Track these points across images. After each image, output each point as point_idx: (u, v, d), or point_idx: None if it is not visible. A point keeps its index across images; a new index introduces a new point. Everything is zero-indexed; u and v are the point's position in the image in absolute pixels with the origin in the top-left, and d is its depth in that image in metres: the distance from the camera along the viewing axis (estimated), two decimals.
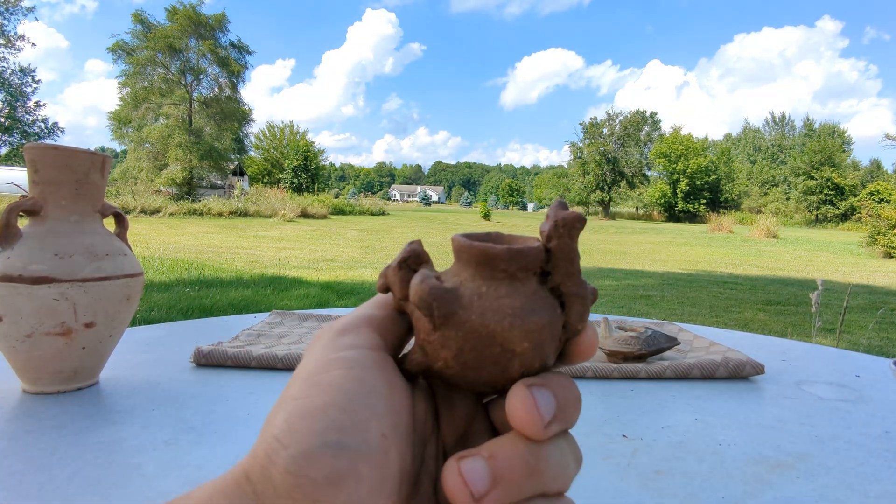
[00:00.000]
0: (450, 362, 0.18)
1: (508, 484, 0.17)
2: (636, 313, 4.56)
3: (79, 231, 0.60)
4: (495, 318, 0.18)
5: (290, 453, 0.16)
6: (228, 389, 0.65)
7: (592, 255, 9.75)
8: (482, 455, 0.17)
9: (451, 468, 0.17)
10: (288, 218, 14.93)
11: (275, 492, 0.16)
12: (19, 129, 25.66)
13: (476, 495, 0.16)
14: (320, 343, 0.20)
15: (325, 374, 0.18)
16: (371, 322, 0.20)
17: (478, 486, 0.16)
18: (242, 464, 0.17)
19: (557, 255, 0.19)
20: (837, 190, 35.86)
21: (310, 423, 0.16)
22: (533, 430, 0.17)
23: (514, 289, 0.19)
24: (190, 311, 3.69)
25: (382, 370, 0.19)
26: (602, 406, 0.64)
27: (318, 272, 6.08)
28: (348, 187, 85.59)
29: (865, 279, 7.49)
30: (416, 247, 0.21)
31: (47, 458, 0.46)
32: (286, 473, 0.16)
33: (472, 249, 0.19)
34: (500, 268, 0.19)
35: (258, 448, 0.17)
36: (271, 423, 0.17)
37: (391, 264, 0.21)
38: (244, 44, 25.84)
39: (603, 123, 37.19)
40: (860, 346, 3.63)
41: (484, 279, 0.19)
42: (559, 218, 0.19)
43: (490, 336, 0.18)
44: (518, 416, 0.17)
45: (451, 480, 0.17)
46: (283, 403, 0.18)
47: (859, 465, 0.51)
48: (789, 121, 60.65)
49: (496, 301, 0.18)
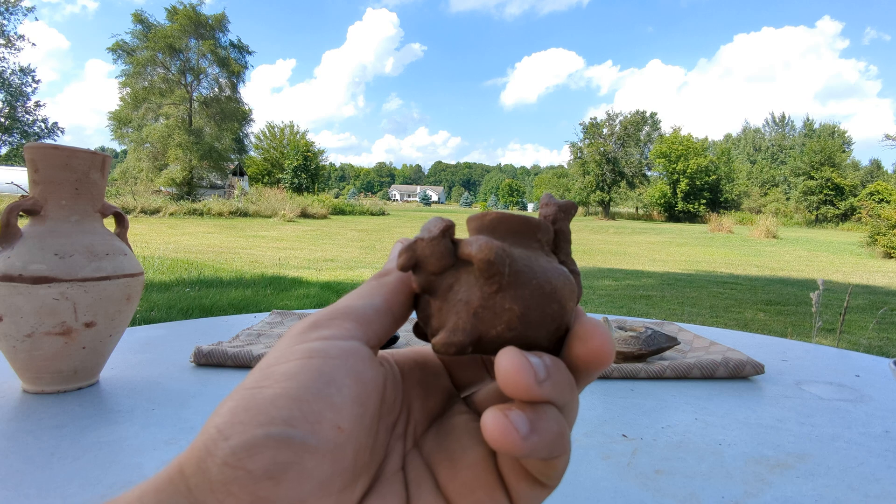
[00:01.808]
0: (514, 323, 0.18)
1: (557, 383, 0.18)
2: (636, 313, 4.56)
3: (79, 231, 0.60)
4: (555, 276, 0.19)
5: (230, 444, 0.15)
6: (228, 389, 0.65)
7: (592, 255, 9.75)
8: (535, 354, 0.18)
9: (514, 354, 0.17)
10: (288, 218, 14.93)
11: (210, 486, 0.15)
12: (19, 129, 25.66)
13: (539, 378, 0.17)
14: (288, 335, 0.19)
15: (282, 364, 0.17)
16: (349, 314, 0.19)
17: (541, 370, 0.17)
18: (179, 458, 0.16)
19: (559, 235, 0.21)
20: (837, 190, 35.84)
21: (255, 413, 0.15)
22: (608, 355, 0.19)
23: (548, 257, 0.20)
24: (190, 311, 3.69)
25: (348, 358, 0.18)
26: (602, 406, 0.64)
27: (318, 272, 6.08)
28: (348, 187, 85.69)
29: (865, 279, 7.49)
30: (449, 220, 0.20)
31: (47, 458, 0.46)
32: (224, 465, 0.15)
33: (514, 219, 0.20)
34: (536, 237, 0.20)
35: (198, 440, 0.16)
36: (216, 413, 0.16)
37: (424, 237, 0.20)
38: (244, 44, 25.88)
39: (603, 124, 37.17)
40: (860, 346, 3.62)
41: (524, 247, 0.19)
42: (560, 203, 0.21)
43: (552, 292, 0.18)
44: (594, 341, 0.19)
45: (516, 362, 0.17)
46: (234, 394, 0.17)
47: (859, 465, 0.51)
48: (789, 121, 60.65)
49: (546, 263, 0.19)
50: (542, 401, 0.17)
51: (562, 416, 0.18)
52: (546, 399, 0.17)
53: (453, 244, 0.20)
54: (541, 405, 0.17)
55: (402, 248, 0.20)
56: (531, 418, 0.17)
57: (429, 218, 0.20)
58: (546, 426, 0.17)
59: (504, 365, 0.17)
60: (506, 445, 0.16)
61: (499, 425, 0.16)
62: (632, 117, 37.24)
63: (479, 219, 0.20)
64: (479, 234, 0.20)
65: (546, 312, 0.18)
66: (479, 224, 0.20)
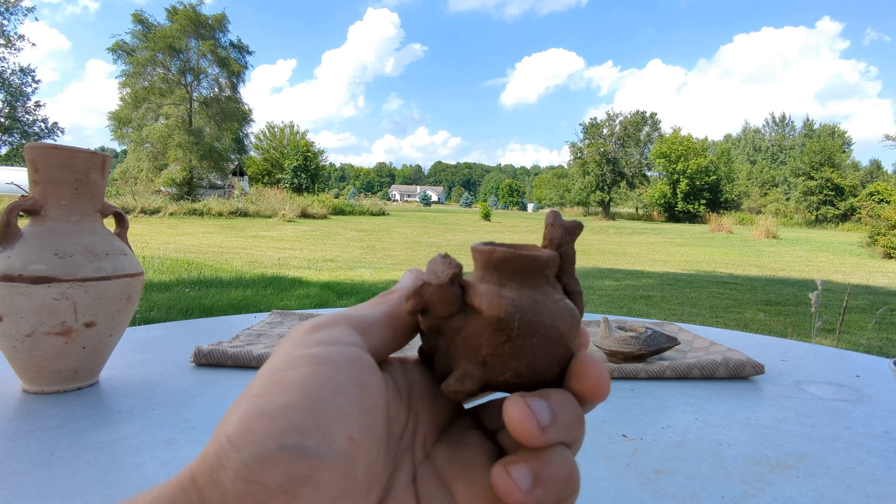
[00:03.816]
0: (521, 371, 0.19)
1: (563, 423, 0.18)
2: (636, 313, 4.56)
3: (79, 231, 0.60)
4: (560, 320, 0.19)
5: (243, 456, 0.15)
6: (228, 389, 0.65)
7: (592, 255, 9.75)
8: (541, 397, 0.18)
9: (517, 402, 0.17)
10: (288, 218, 14.93)
11: (223, 498, 0.14)
12: (19, 129, 25.66)
13: (542, 426, 0.17)
14: (291, 338, 0.19)
15: (289, 370, 0.17)
16: (350, 320, 0.19)
17: (543, 417, 0.17)
18: (191, 466, 0.16)
19: (565, 258, 0.21)
20: (837, 190, 35.84)
21: (267, 423, 0.15)
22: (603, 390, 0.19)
23: (556, 292, 0.20)
24: (190, 311, 3.69)
25: (355, 368, 0.17)
26: (602, 406, 0.64)
27: (318, 272, 6.08)
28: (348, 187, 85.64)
29: (865, 279, 7.49)
30: (456, 262, 0.20)
31: (47, 458, 0.46)
32: (237, 479, 0.14)
33: (521, 259, 0.19)
34: (544, 273, 0.20)
35: (209, 449, 0.15)
36: (226, 421, 0.16)
37: (430, 281, 0.19)
38: (244, 44, 25.88)
39: (603, 124, 37.16)
40: (860, 346, 3.62)
41: (531, 287, 0.19)
42: (567, 225, 0.21)
43: (560, 338, 0.19)
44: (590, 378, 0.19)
45: (519, 411, 0.17)
46: (241, 401, 0.16)
47: (859, 465, 0.51)
48: (789, 121, 60.66)
49: (553, 305, 0.19)
50: (548, 445, 0.18)
51: (570, 457, 0.18)
52: (552, 443, 0.18)
53: (462, 288, 0.20)
54: (547, 450, 0.18)
55: (410, 293, 0.20)
56: (535, 469, 0.17)
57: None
58: (552, 473, 0.17)
59: (511, 415, 0.17)
60: (509, 501, 0.17)
61: (502, 483, 0.17)
62: (632, 117, 37.24)
63: (487, 255, 0.20)
64: (485, 271, 0.20)
65: (553, 356, 0.19)
66: (486, 261, 0.20)
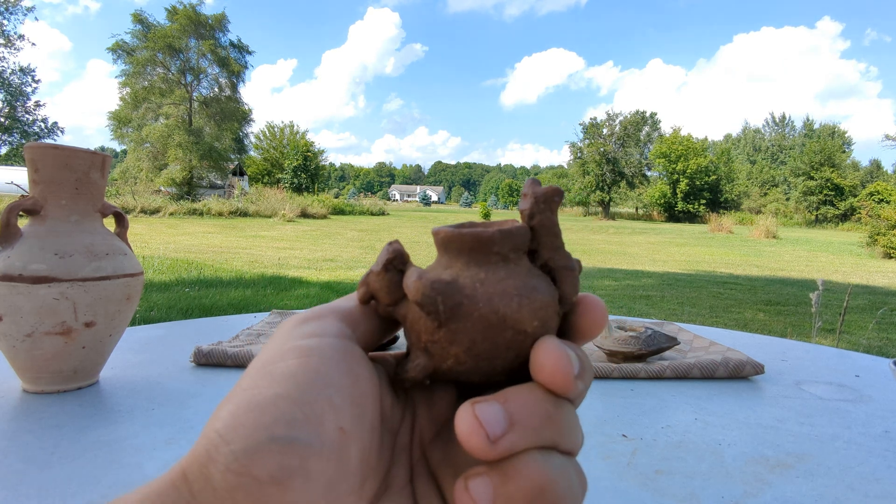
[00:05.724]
0: (461, 357, 0.18)
1: (525, 428, 0.16)
2: (636, 313, 4.56)
3: (79, 231, 0.60)
4: (503, 302, 0.17)
5: (233, 449, 0.14)
6: (228, 389, 0.64)
7: (592, 255, 9.75)
8: (497, 400, 0.16)
9: (465, 411, 0.16)
10: (288, 218, 14.93)
11: (214, 493, 0.14)
12: (19, 128, 25.66)
13: (492, 437, 0.15)
14: (279, 332, 0.18)
15: (278, 363, 0.17)
16: (337, 311, 0.19)
17: (494, 427, 0.16)
18: (181, 462, 0.16)
19: (541, 230, 0.19)
20: (837, 190, 35.84)
21: (257, 416, 0.15)
22: (563, 381, 0.17)
23: (511, 270, 0.18)
24: (190, 311, 3.69)
25: (344, 359, 0.17)
26: (602, 406, 0.64)
27: (318, 272, 6.08)
28: (348, 187, 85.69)
29: (865, 279, 7.49)
30: (397, 246, 0.19)
31: (47, 457, 0.46)
32: (227, 472, 0.14)
33: (463, 237, 0.18)
34: (493, 251, 0.18)
35: (199, 444, 0.15)
36: (216, 416, 0.16)
37: (372, 269, 0.19)
38: (244, 44, 25.88)
39: (603, 124, 37.15)
40: (860, 346, 3.62)
41: (479, 265, 0.18)
42: (538, 193, 0.19)
43: (501, 321, 0.17)
44: (548, 367, 0.17)
45: (465, 423, 0.16)
46: (231, 396, 0.16)
47: (859, 465, 0.51)
48: (789, 121, 60.66)
49: (498, 284, 0.18)
50: (503, 457, 0.16)
51: (546, 464, 0.16)
52: (513, 452, 0.16)
53: (402, 274, 0.19)
54: (511, 460, 0.16)
55: (361, 281, 0.20)
56: (496, 483, 0.16)
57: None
58: (516, 486, 0.15)
59: (458, 427, 0.16)
60: None
61: (460, 500, 0.16)
62: (632, 117, 37.23)
63: (435, 236, 0.19)
64: (438, 253, 0.19)
65: (497, 342, 0.17)
66: (437, 243, 0.19)
